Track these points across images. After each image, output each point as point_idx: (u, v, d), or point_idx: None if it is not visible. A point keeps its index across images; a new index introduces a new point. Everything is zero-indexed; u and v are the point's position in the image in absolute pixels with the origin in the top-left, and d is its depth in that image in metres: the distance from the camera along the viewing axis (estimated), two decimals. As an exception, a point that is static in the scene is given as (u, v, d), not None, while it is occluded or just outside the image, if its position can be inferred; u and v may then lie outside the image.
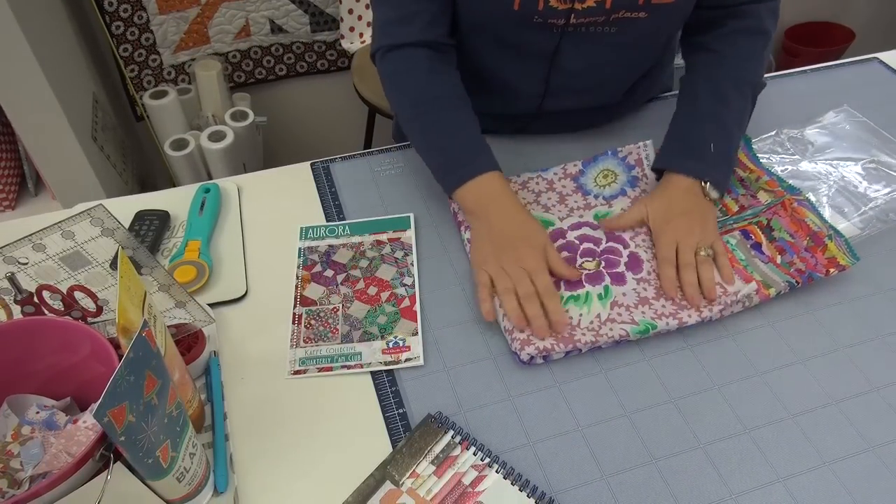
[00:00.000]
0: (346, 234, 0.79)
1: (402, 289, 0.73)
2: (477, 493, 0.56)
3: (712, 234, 0.74)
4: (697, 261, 0.71)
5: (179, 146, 1.53)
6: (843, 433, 0.61)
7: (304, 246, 0.78)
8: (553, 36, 0.76)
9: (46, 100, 1.21)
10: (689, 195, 0.76)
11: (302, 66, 1.78)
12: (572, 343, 0.65)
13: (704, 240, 0.73)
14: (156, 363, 0.46)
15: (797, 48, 2.14)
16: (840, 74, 1.05)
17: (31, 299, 0.57)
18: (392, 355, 0.67)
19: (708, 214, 0.75)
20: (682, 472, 0.59)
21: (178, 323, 0.63)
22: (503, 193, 0.74)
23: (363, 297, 0.72)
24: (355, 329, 0.69)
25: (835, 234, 0.74)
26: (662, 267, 0.72)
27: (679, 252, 0.72)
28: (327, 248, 0.77)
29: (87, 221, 0.55)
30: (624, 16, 0.72)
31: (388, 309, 0.71)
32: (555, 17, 0.72)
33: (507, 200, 0.74)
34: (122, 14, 1.50)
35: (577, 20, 0.73)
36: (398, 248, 0.78)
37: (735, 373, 0.66)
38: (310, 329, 0.69)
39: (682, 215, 0.74)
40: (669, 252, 0.72)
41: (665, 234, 0.74)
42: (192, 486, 0.52)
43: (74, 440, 0.53)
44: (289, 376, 0.65)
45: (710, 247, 0.72)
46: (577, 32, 0.75)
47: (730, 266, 0.71)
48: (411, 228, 0.80)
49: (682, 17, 0.77)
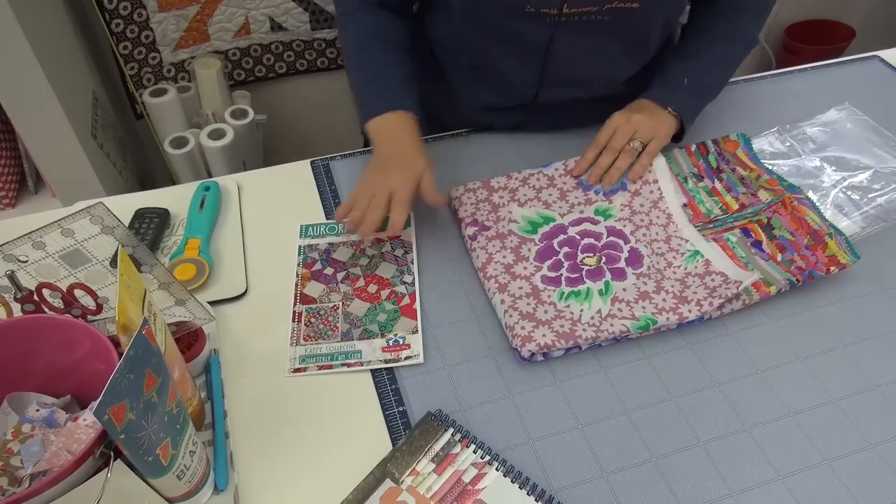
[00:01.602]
0: (347, 231, 0.79)
1: (403, 286, 0.73)
2: (477, 491, 0.56)
3: (653, 132, 0.79)
4: (623, 149, 0.78)
5: (179, 144, 1.53)
6: (843, 431, 0.61)
7: (305, 244, 0.78)
8: (547, 26, 0.76)
9: (46, 98, 1.21)
10: (651, 107, 0.82)
11: (302, 63, 1.78)
12: (573, 339, 0.65)
13: (643, 133, 0.78)
14: (156, 361, 0.46)
15: (798, 46, 2.13)
16: (840, 72, 1.05)
17: (31, 297, 0.57)
18: (392, 353, 0.67)
19: (662, 120, 0.80)
20: (682, 469, 0.59)
21: (178, 321, 0.63)
22: (400, 129, 0.77)
23: (363, 294, 0.72)
24: (355, 327, 0.69)
25: (835, 233, 0.74)
26: (588, 148, 0.80)
27: (614, 136, 0.79)
28: (327, 245, 0.77)
29: (86, 219, 0.55)
30: (617, 6, 0.73)
31: (388, 307, 0.71)
32: (547, 6, 0.73)
33: (400, 134, 0.76)
34: (121, 12, 1.49)
35: (571, 10, 0.73)
36: (398, 245, 0.78)
37: (735, 371, 0.66)
38: (310, 327, 0.69)
39: (635, 110, 0.81)
40: (604, 136, 0.80)
41: (611, 120, 0.81)
42: (193, 484, 0.52)
43: (74, 438, 0.53)
44: (289, 374, 0.66)
45: (645, 142, 0.79)
46: (571, 22, 0.75)
47: (644, 167, 0.79)
48: (411, 226, 0.79)
49: (677, 7, 0.78)
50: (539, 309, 0.68)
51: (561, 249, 0.75)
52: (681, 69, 0.83)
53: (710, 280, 0.71)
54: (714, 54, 0.84)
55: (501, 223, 0.78)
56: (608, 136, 0.80)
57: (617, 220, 0.78)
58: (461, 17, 0.80)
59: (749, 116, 0.96)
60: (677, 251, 0.75)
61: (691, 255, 0.74)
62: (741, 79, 1.03)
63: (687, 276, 0.72)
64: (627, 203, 0.80)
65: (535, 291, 0.71)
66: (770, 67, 2.24)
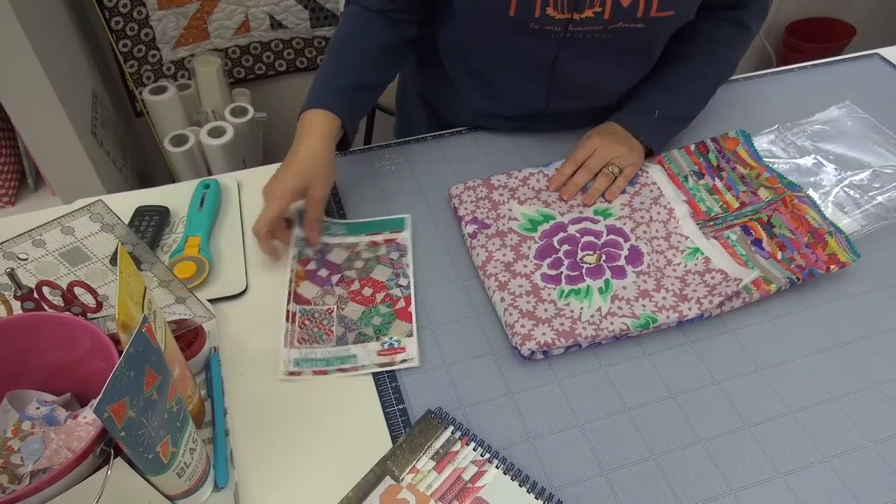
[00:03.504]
0: (343, 233, 0.78)
1: (398, 290, 0.73)
2: (477, 489, 0.56)
3: (628, 161, 0.82)
4: (600, 171, 0.81)
5: (179, 142, 1.53)
6: (842, 429, 0.61)
7: (301, 235, 0.77)
8: (552, 43, 0.76)
9: (46, 96, 1.21)
10: (624, 134, 0.84)
11: (302, 61, 1.78)
12: (573, 337, 0.65)
13: (620, 160, 0.81)
14: (156, 359, 0.46)
15: (798, 44, 2.13)
16: (841, 70, 1.05)
17: (31, 295, 0.57)
18: (387, 357, 0.67)
19: (635, 149, 0.83)
20: (681, 467, 0.59)
21: (178, 319, 0.63)
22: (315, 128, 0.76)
23: (358, 297, 0.72)
24: (350, 330, 0.69)
25: (835, 231, 0.74)
26: (566, 163, 0.81)
27: (591, 157, 0.81)
28: (322, 244, 0.77)
29: (86, 217, 0.55)
30: (622, 26, 0.73)
31: (383, 310, 0.71)
32: (552, 24, 0.73)
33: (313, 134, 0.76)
34: (121, 9, 1.49)
35: (575, 28, 0.74)
36: (394, 249, 0.77)
37: (735, 369, 0.66)
38: (304, 329, 0.69)
39: (612, 137, 0.83)
40: (583, 154, 0.82)
41: (590, 141, 0.83)
42: (193, 482, 0.52)
43: (75, 436, 0.53)
44: (283, 377, 0.65)
45: (621, 170, 0.81)
46: (575, 39, 0.75)
47: (620, 188, 0.81)
48: (407, 230, 0.79)
49: (681, 24, 0.78)
50: (539, 307, 0.68)
51: (561, 247, 0.75)
52: (652, 98, 0.85)
53: (710, 278, 0.71)
54: (686, 87, 0.85)
55: (501, 221, 0.78)
56: (586, 155, 0.82)
57: (617, 219, 0.78)
58: (466, 31, 0.80)
59: (749, 114, 0.96)
60: (677, 248, 0.75)
61: (691, 253, 0.74)
62: (741, 77, 1.03)
63: (687, 274, 0.72)
64: (627, 202, 0.80)
65: (535, 289, 0.71)
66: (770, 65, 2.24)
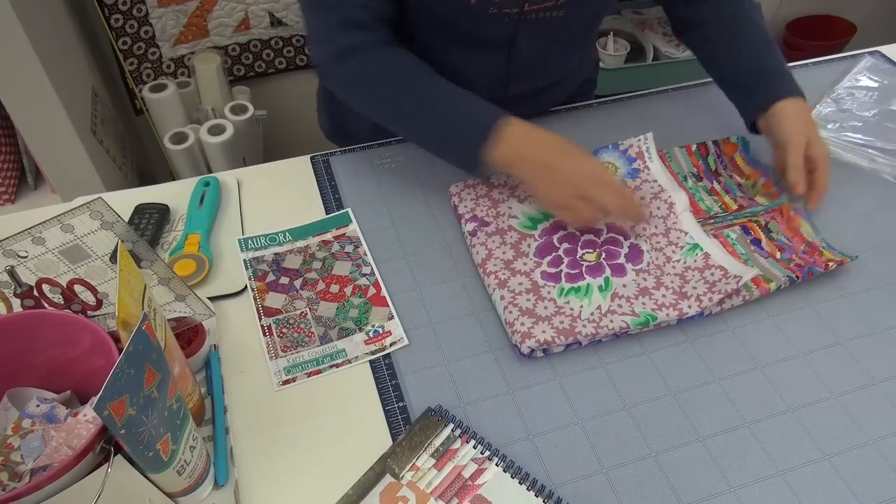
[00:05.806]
0: (289, 240, 0.78)
1: (363, 279, 0.73)
2: (477, 487, 0.56)
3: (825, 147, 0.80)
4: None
5: (179, 140, 1.53)
6: (842, 427, 0.62)
7: (249, 257, 0.76)
8: (509, 25, 0.77)
9: (46, 93, 1.20)
10: (798, 103, 0.80)
11: (302, 59, 1.77)
12: (573, 335, 0.65)
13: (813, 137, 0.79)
14: (156, 356, 0.46)
15: (799, 42, 2.13)
16: (842, 68, 1.05)
17: (31, 293, 0.57)
18: (376, 343, 0.67)
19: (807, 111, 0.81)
20: (681, 465, 0.59)
21: (178, 316, 0.63)
22: (532, 132, 0.71)
23: (327, 296, 0.72)
24: (330, 328, 0.69)
25: (828, 247, 0.75)
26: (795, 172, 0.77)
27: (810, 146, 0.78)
28: (273, 256, 0.76)
29: (86, 215, 0.55)
30: (572, 2, 0.75)
31: (356, 301, 0.71)
32: (509, 6, 0.74)
33: (541, 137, 0.71)
34: (121, 7, 1.49)
35: (530, 7, 0.75)
36: (346, 242, 0.77)
37: (735, 366, 0.66)
38: (284, 337, 0.68)
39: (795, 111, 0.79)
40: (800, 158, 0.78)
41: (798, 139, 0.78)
42: (193, 479, 0.53)
43: (75, 433, 0.53)
44: (278, 388, 0.64)
45: None
46: (529, 20, 0.77)
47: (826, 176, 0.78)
48: (353, 222, 0.80)
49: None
50: (539, 305, 0.68)
51: (561, 245, 0.75)
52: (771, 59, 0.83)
53: (710, 274, 0.71)
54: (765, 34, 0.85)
55: (501, 219, 0.78)
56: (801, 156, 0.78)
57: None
58: (423, 22, 0.79)
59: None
60: (676, 244, 0.75)
61: (690, 249, 0.74)
62: (742, 74, 1.02)
63: (686, 271, 0.72)
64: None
65: (535, 287, 0.70)
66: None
